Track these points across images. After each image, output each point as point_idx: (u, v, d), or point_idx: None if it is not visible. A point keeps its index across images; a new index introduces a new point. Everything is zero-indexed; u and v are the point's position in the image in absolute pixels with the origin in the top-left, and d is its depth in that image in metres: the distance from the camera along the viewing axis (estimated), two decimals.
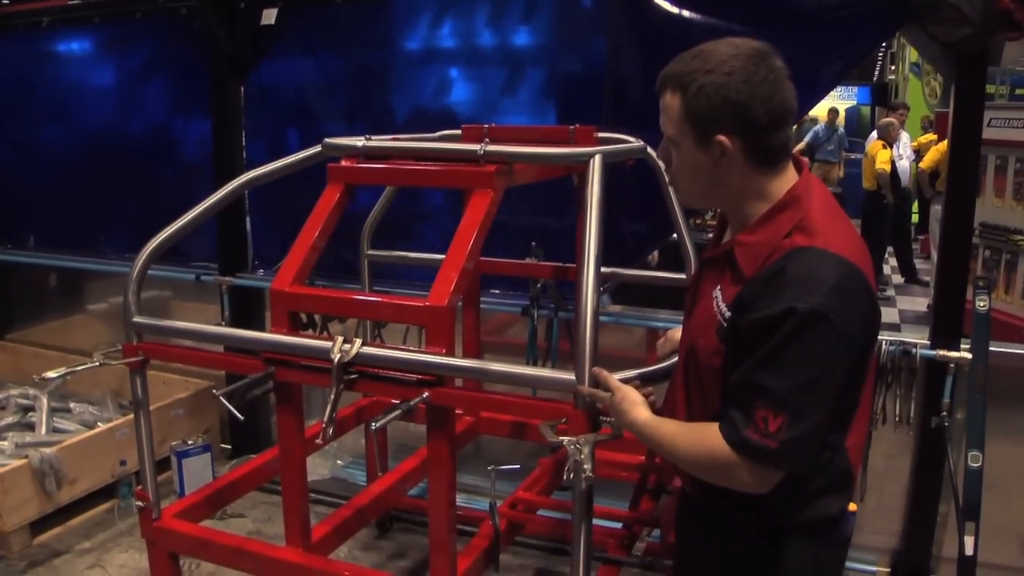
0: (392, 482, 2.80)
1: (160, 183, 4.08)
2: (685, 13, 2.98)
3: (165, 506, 2.44)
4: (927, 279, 7.51)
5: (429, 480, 2.03)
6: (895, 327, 6.30)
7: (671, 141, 1.50)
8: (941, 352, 2.81)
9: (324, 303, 2.37)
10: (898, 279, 8.10)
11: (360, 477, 3.76)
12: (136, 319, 2.30)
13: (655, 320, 3.26)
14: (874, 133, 8.39)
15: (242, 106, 3.87)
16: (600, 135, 2.59)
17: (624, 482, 2.80)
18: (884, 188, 7.50)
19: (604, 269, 2.20)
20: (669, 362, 1.90)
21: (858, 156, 9.92)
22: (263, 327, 3.75)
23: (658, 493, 2.73)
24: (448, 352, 1.92)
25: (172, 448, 3.64)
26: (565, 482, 1.75)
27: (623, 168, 2.74)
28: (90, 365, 2.35)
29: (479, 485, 3.30)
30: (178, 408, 3.95)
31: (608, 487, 2.64)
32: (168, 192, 4.00)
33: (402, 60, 3.63)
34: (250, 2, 3.69)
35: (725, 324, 1.45)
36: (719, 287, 1.50)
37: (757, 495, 1.43)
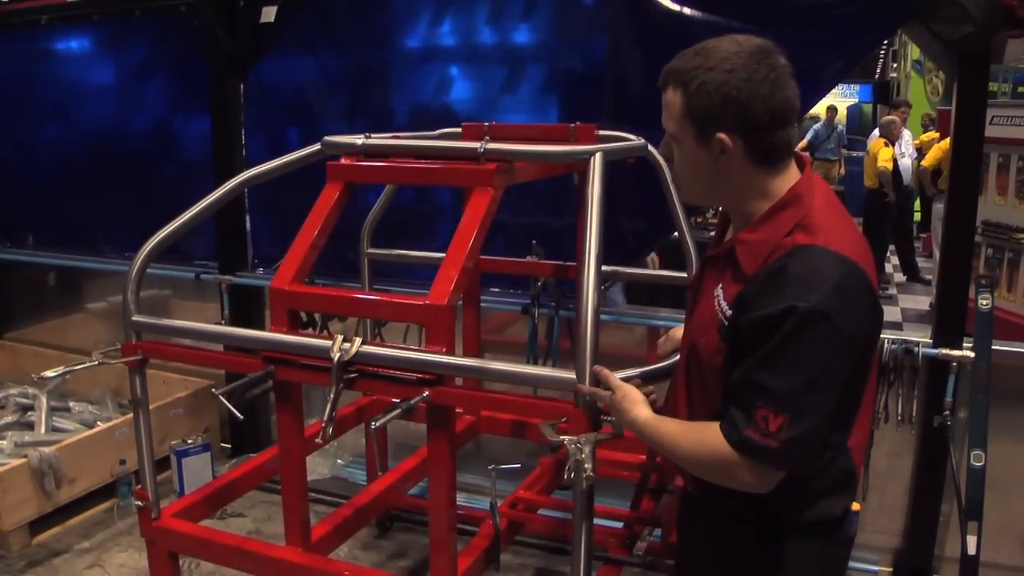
0: (392, 481, 2.79)
1: (159, 181, 4.08)
2: (686, 10, 2.97)
3: (165, 505, 2.43)
4: (929, 277, 7.52)
5: (429, 479, 2.02)
6: (897, 326, 6.29)
7: (673, 138, 1.50)
8: (943, 351, 2.80)
9: (324, 302, 2.36)
10: (900, 277, 8.09)
11: (360, 476, 3.75)
12: (135, 318, 2.29)
13: (656, 319, 3.25)
14: (876, 131, 8.38)
15: (241, 104, 3.86)
16: (601, 133, 2.58)
17: (625, 481, 2.80)
18: (886, 186, 7.48)
19: (605, 268, 2.19)
20: (670, 361, 1.89)
21: (859, 154, 9.91)
22: (263, 326, 3.74)
23: (659, 492, 2.73)
24: (448, 351, 1.91)
25: (172, 447, 3.64)
26: (566, 481, 1.74)
27: (624, 166, 2.73)
28: (89, 364, 2.34)
29: (479, 484, 3.30)
30: (178, 407, 3.94)
31: (609, 486, 2.63)
32: (167, 190, 4.01)
33: (402, 58, 3.63)
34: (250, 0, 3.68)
35: (726, 323, 1.44)
36: (721, 285, 1.50)
37: (760, 495, 1.42)
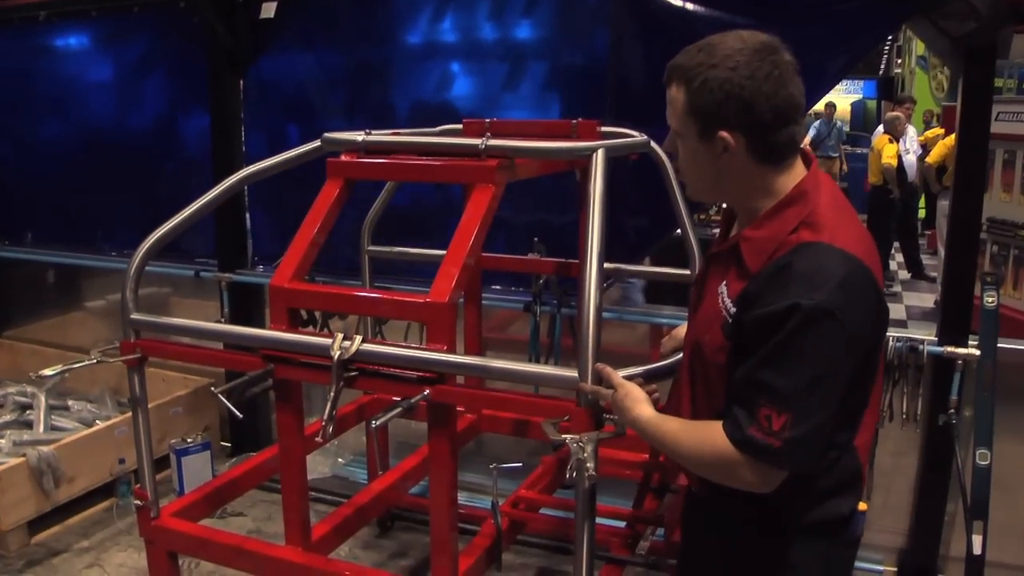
0: (393, 480, 2.78)
1: (159, 178, 4.07)
2: (689, 5, 2.96)
3: (164, 505, 2.42)
4: (934, 275, 7.48)
5: (430, 478, 2.01)
6: (902, 323, 6.30)
7: (676, 134, 1.49)
8: (949, 349, 2.79)
9: (324, 299, 2.35)
10: (905, 275, 8.06)
11: (361, 475, 3.74)
12: (134, 316, 2.28)
13: (659, 316, 3.24)
14: (880, 127, 8.35)
15: (241, 101, 3.85)
16: (603, 129, 2.57)
17: (628, 480, 2.78)
18: (891, 183, 7.45)
19: (607, 265, 2.18)
20: (673, 359, 1.87)
21: (863, 151, 9.87)
22: (263, 324, 3.72)
23: (662, 491, 2.72)
24: (449, 349, 1.90)
25: (171, 446, 3.62)
26: (568, 480, 1.73)
27: (626, 163, 2.71)
28: (87, 362, 2.32)
29: (481, 483, 3.28)
30: (177, 406, 3.93)
31: (611, 485, 2.61)
32: (167, 187, 4.00)
33: (403, 54, 3.61)
34: None
35: (730, 320, 1.43)
36: (725, 282, 1.48)
37: (765, 495, 1.40)
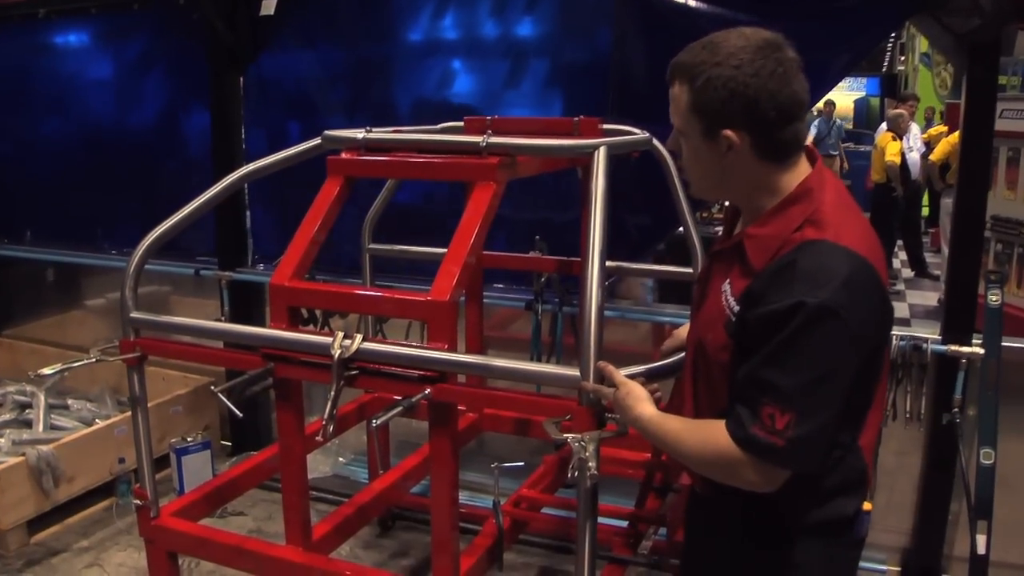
0: (394, 480, 2.77)
1: (159, 176, 4.06)
2: (691, 2, 2.95)
3: (164, 504, 2.41)
4: (937, 273, 7.46)
5: (431, 477, 2.00)
6: (905, 322, 6.29)
7: (680, 132, 1.48)
8: (952, 347, 2.78)
9: (324, 298, 2.34)
10: (908, 273, 8.04)
11: (361, 474, 3.74)
12: (133, 315, 2.27)
13: (661, 315, 3.23)
14: (884, 125, 8.32)
15: (241, 98, 3.84)
16: (605, 127, 2.56)
17: (630, 479, 2.77)
18: (894, 181, 7.44)
19: (609, 263, 2.17)
20: (675, 358, 1.86)
21: (866, 148, 9.85)
22: (263, 323, 3.71)
23: (664, 491, 2.71)
24: (450, 348, 1.89)
25: (171, 445, 3.62)
26: (569, 480, 1.72)
27: (628, 160, 2.70)
28: (87, 361, 2.31)
29: (482, 482, 3.26)
30: (177, 405, 3.92)
31: (613, 484, 2.60)
32: (167, 185, 3.99)
33: (404, 51, 3.60)
34: None
35: (733, 318, 1.42)
36: (728, 281, 1.48)
37: (770, 494, 1.39)
